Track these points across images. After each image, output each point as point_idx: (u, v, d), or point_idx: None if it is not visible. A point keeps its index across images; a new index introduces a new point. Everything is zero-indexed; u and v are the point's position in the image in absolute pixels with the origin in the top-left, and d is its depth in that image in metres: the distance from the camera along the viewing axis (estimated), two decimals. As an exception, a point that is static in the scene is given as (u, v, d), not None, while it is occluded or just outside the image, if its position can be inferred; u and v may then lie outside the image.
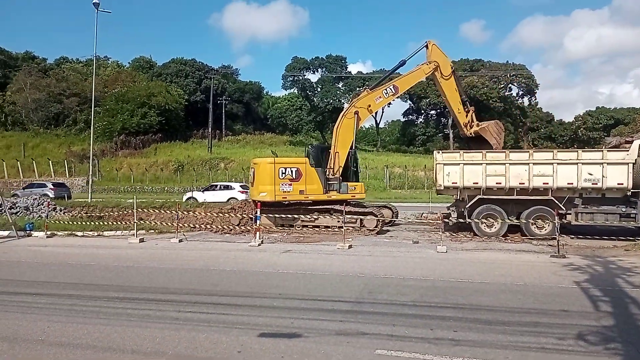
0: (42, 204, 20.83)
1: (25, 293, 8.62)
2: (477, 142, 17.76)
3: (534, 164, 14.88)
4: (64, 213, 20.94)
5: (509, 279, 9.50)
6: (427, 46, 18.27)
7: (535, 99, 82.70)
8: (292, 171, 16.75)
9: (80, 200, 28.22)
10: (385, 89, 18.21)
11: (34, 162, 52.30)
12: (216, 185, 30.89)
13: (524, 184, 14.91)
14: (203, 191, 29.38)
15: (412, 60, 18.58)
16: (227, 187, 29.77)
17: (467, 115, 18.25)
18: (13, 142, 60.72)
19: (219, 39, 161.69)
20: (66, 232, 17.07)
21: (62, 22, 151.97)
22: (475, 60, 79.50)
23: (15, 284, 9.48)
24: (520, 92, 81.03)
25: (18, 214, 20.29)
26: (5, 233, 16.53)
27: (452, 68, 18.43)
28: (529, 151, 15.80)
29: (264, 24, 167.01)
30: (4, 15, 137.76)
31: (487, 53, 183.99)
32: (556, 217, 13.05)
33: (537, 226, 14.94)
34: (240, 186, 29.18)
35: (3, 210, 17.93)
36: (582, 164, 14.38)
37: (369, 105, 17.98)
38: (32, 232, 17.06)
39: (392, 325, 6.48)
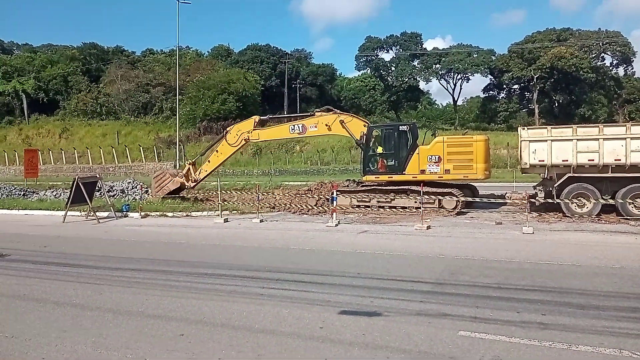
0: (136, 187, 22.46)
1: (124, 269, 9.37)
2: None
3: (631, 138, 13.70)
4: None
5: (604, 261, 8.89)
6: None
7: (632, 68, 75.75)
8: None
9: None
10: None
11: (126, 148, 56.35)
12: None
13: (620, 160, 13.79)
14: None
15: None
16: None
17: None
18: (108, 131, 65.93)
19: (298, 24, 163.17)
20: (158, 212, 18.24)
21: (146, 15, 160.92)
22: (562, 29, 74.03)
23: (116, 260, 10.32)
24: (615, 62, 74.54)
25: (115, 196, 22.10)
26: (105, 214, 18.00)
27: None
28: (625, 125, 14.53)
29: (343, 5, 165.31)
30: (96, 12, 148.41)
31: (578, 22, 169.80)
32: (658, 196, 11.97)
33: (634, 206, 13.74)
34: None
35: (102, 193, 19.54)
36: (690, 137, 13.03)
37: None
38: (128, 212, 18.43)
39: (476, 307, 6.32)
